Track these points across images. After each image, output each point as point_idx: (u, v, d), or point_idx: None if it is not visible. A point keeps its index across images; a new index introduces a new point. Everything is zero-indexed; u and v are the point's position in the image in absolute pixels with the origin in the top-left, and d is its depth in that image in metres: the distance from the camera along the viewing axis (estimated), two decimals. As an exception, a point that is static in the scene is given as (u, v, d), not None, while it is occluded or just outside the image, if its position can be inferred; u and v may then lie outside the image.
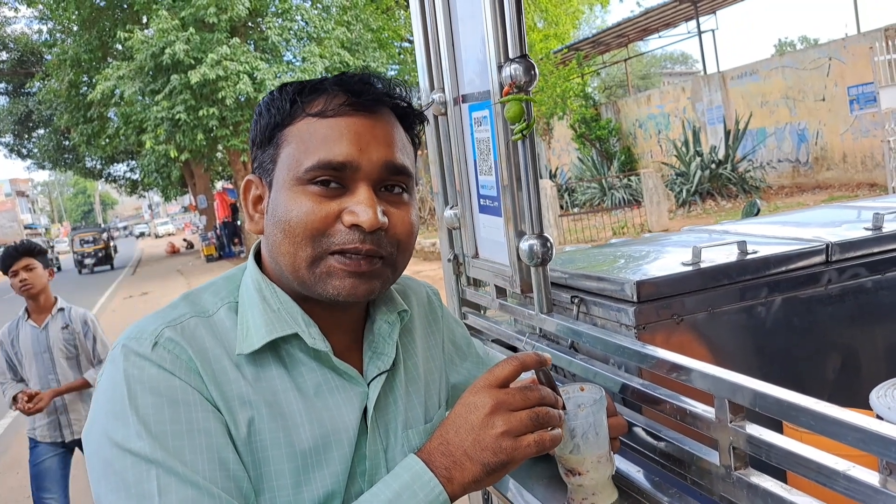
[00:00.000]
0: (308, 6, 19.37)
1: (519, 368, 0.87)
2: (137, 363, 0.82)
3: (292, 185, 0.87)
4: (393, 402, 0.97)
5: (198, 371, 0.84)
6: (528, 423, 0.83)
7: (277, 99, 0.91)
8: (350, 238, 0.86)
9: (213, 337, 0.87)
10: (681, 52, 48.62)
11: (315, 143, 0.87)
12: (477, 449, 0.82)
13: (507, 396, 0.84)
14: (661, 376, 1.10)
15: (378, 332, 0.98)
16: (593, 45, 20.92)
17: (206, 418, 0.82)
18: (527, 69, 1.35)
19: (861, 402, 1.07)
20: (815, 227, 1.78)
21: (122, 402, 0.80)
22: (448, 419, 0.86)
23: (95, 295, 17.96)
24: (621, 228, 12.11)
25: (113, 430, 0.79)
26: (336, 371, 0.91)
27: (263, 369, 0.88)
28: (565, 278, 1.60)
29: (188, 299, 0.92)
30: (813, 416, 0.82)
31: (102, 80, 17.63)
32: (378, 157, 0.88)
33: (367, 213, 0.85)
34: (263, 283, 0.92)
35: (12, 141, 31.94)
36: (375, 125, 0.89)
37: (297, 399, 0.88)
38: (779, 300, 1.44)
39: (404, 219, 0.91)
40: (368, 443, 0.92)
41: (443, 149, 1.85)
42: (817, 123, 13.65)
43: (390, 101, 0.92)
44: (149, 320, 0.88)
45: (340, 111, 0.88)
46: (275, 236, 0.89)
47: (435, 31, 1.74)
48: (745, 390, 0.91)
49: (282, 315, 0.89)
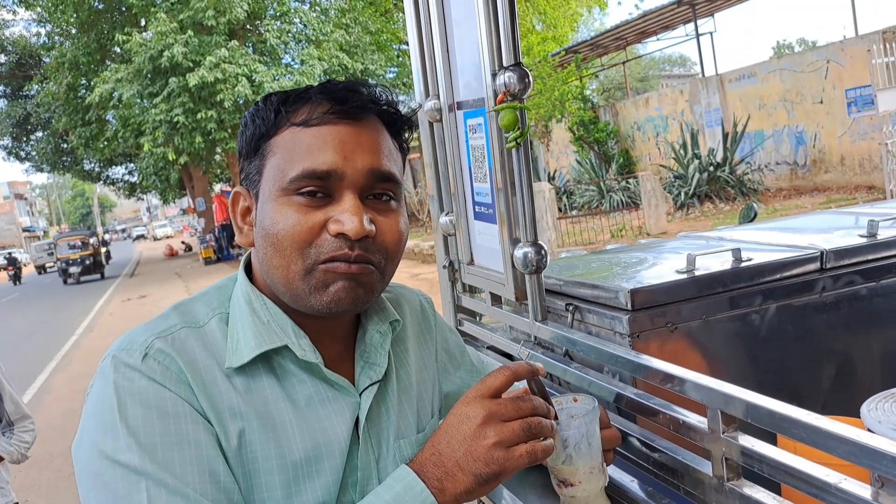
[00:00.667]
0: (306, 9, 19.39)
1: (511, 378, 0.87)
2: (127, 374, 0.82)
3: (278, 195, 0.87)
4: (385, 412, 0.97)
5: (188, 382, 0.83)
6: (521, 434, 0.83)
7: (262, 109, 0.91)
8: (337, 246, 0.85)
9: (203, 348, 0.87)
10: (679, 55, 48.81)
11: (299, 153, 0.86)
12: (469, 460, 0.81)
13: (499, 407, 0.84)
14: (654, 386, 1.10)
15: (370, 342, 0.97)
16: (591, 47, 20.94)
17: (197, 430, 0.81)
18: (521, 77, 1.35)
19: (856, 411, 1.07)
20: (809, 233, 1.78)
21: (111, 414, 0.80)
22: (440, 430, 0.86)
23: (92, 299, 17.97)
24: (619, 231, 12.11)
25: (102, 442, 0.79)
26: (327, 382, 0.91)
27: (254, 381, 0.87)
28: (560, 285, 1.60)
29: (179, 310, 0.91)
30: (805, 428, 0.82)
31: (101, 82, 17.66)
32: (363, 164, 0.87)
33: (352, 221, 0.84)
34: (253, 294, 0.92)
35: (10, 143, 31.95)
36: (360, 132, 0.88)
37: (289, 410, 0.87)
38: (773, 308, 1.44)
39: (392, 227, 0.90)
40: (360, 453, 0.92)
41: (438, 155, 1.85)
42: (815, 126, 13.67)
43: (376, 107, 0.91)
44: (139, 331, 0.87)
45: (324, 119, 0.87)
46: (265, 250, 0.88)
47: (430, 38, 1.74)
48: (738, 401, 0.91)
49: (272, 327, 0.89)
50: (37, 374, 9.27)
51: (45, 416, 6.99)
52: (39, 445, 6.08)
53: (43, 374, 9.24)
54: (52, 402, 7.56)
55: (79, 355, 10.26)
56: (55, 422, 6.69)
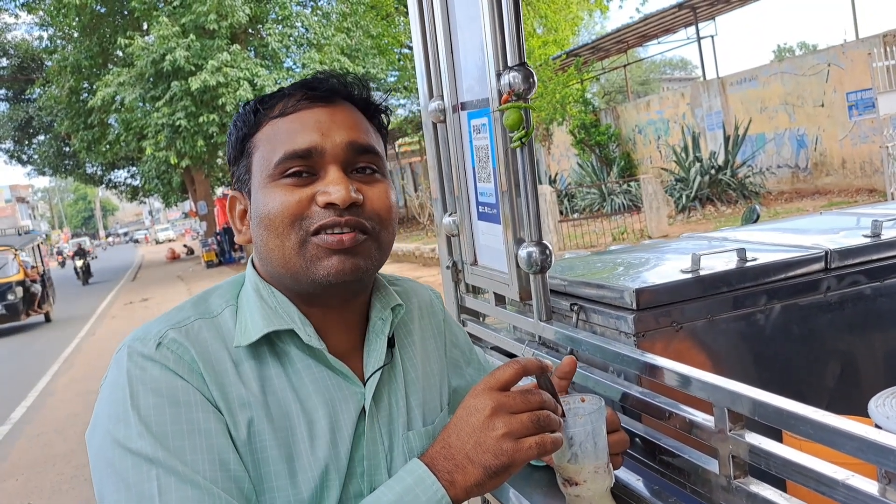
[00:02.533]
0: (308, 13, 19.43)
1: (520, 372, 0.87)
2: (141, 363, 0.83)
3: (266, 183, 0.90)
4: (395, 402, 0.98)
5: (200, 372, 0.85)
6: (529, 426, 0.83)
7: (243, 114, 0.95)
8: (327, 214, 0.88)
9: (216, 337, 0.89)
10: (680, 58, 48.79)
11: (280, 140, 0.90)
12: (478, 451, 0.82)
13: (508, 399, 0.84)
14: (660, 384, 1.10)
15: (372, 330, 0.99)
16: (592, 51, 20.95)
17: (208, 419, 0.83)
18: (525, 77, 1.36)
19: (860, 410, 1.07)
20: (813, 234, 1.78)
21: (123, 403, 0.81)
22: (450, 423, 0.87)
23: (95, 301, 17.98)
24: (621, 234, 12.10)
25: (115, 430, 0.80)
26: (332, 370, 0.92)
27: (262, 368, 0.89)
28: (564, 285, 1.60)
29: (194, 302, 0.94)
30: (812, 424, 0.82)
31: (103, 86, 17.69)
32: (341, 138, 0.91)
33: (338, 190, 0.88)
34: (261, 284, 0.94)
35: (13, 147, 31.97)
36: (335, 112, 0.93)
37: (294, 399, 0.89)
38: (778, 308, 1.44)
39: (380, 194, 0.93)
40: (367, 443, 0.93)
41: (441, 156, 1.86)
42: (816, 129, 13.67)
43: (346, 90, 0.95)
44: (154, 323, 0.90)
45: (300, 106, 0.92)
46: (260, 236, 0.91)
47: (434, 39, 1.74)
48: (745, 399, 0.91)
49: (279, 313, 0.91)
50: (39, 377, 9.27)
51: (48, 419, 7.00)
52: (42, 448, 6.12)
53: (45, 377, 9.24)
54: (54, 405, 7.56)
55: (81, 358, 10.26)
56: (58, 425, 6.70)
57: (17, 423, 7.12)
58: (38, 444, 6.19)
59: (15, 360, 11.25)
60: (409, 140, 24.81)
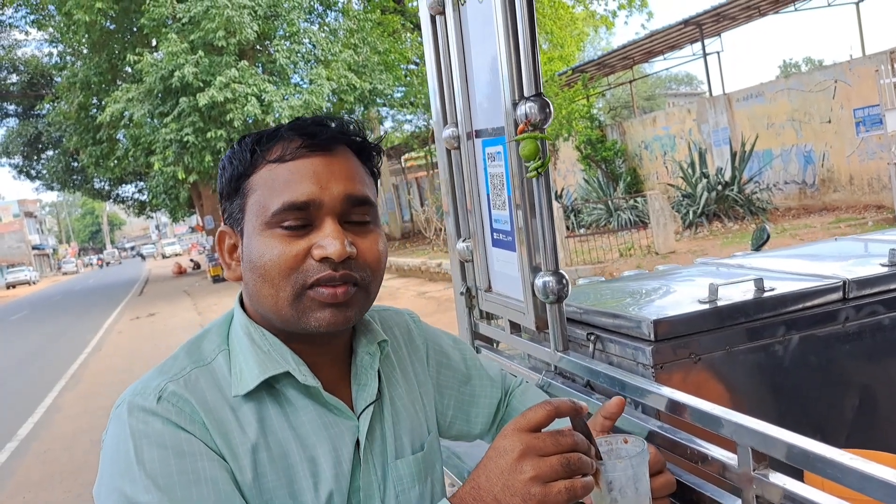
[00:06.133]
0: (316, 29, 19.56)
1: (552, 413, 0.85)
2: (143, 418, 0.84)
3: (262, 229, 0.91)
4: (385, 433, 1.00)
5: (202, 422, 0.86)
6: (559, 469, 0.80)
7: (238, 152, 0.96)
8: (323, 269, 0.89)
9: (213, 386, 0.90)
10: (686, 74, 48.87)
11: (278, 188, 0.91)
12: (507, 494, 0.80)
13: (538, 441, 0.82)
14: (679, 419, 1.09)
15: (360, 365, 1.01)
16: (598, 66, 21.03)
17: (213, 467, 0.84)
18: (542, 107, 1.36)
19: (880, 442, 1.06)
20: (829, 261, 1.77)
21: (128, 458, 0.82)
22: (480, 463, 0.86)
23: (102, 316, 18.01)
24: (628, 250, 12.07)
25: (122, 486, 0.82)
26: (327, 407, 0.94)
27: (261, 410, 0.91)
28: (580, 314, 1.59)
29: (188, 350, 0.95)
30: (840, 468, 0.81)
31: (112, 102, 17.82)
32: (339, 191, 0.92)
33: (334, 244, 0.89)
34: (251, 327, 0.96)
35: (21, 162, 32.20)
36: (332, 162, 0.93)
37: (294, 438, 0.91)
38: (796, 338, 1.43)
39: (371, 247, 0.95)
40: (362, 475, 0.95)
41: (455, 182, 1.86)
42: (823, 145, 13.65)
43: (345, 138, 0.96)
44: (151, 376, 0.91)
45: (298, 154, 0.92)
46: (254, 282, 0.93)
47: (448, 66, 1.75)
48: (770, 440, 0.90)
49: (272, 356, 0.93)
50: (46, 392, 9.27)
51: (55, 436, 6.99)
52: (49, 465, 6.09)
53: (52, 392, 9.24)
54: (61, 422, 7.56)
55: (88, 374, 10.27)
56: (65, 441, 6.69)
57: (24, 439, 7.11)
58: (45, 461, 6.18)
59: (22, 375, 11.26)
60: (415, 155, 24.88)
